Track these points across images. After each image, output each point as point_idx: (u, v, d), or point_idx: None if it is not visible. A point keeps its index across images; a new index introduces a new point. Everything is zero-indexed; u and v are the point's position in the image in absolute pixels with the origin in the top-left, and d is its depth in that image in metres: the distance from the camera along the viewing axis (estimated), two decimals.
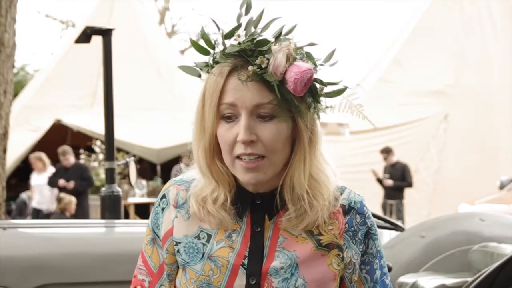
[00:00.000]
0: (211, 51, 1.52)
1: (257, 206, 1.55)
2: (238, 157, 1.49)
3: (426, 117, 14.62)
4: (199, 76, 1.54)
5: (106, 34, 3.79)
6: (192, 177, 1.59)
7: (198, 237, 1.55)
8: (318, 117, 1.53)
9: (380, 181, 12.46)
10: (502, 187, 12.23)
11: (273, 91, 1.47)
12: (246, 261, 1.52)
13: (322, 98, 1.52)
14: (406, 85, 14.87)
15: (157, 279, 1.61)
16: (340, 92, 1.52)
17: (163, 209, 1.60)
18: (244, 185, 1.55)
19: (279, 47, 1.47)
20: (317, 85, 1.51)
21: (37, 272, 2.82)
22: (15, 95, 12.46)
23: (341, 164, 13.90)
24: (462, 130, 14.14)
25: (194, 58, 1.57)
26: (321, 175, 1.54)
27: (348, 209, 1.57)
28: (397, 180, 12.27)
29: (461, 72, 14.84)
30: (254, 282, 1.51)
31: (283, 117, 1.48)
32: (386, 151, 12.55)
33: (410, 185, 12.36)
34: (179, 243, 1.56)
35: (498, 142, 14.09)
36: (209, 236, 1.55)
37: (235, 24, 1.50)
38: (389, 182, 12.21)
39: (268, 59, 1.47)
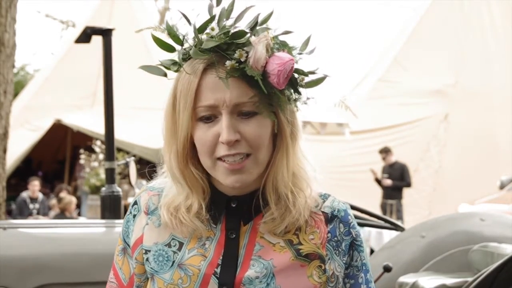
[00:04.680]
0: (178, 47, 1.42)
1: (233, 211, 1.45)
2: (220, 158, 1.39)
3: (426, 117, 14.62)
4: (165, 75, 1.44)
5: (106, 34, 3.78)
6: (165, 183, 1.49)
7: (169, 245, 1.45)
8: (297, 109, 1.44)
9: (378, 181, 12.46)
10: (502, 187, 12.22)
11: (253, 86, 1.36)
12: (218, 270, 1.41)
13: (301, 89, 1.42)
14: (406, 85, 14.87)
15: None
16: (320, 81, 1.43)
17: (134, 216, 1.51)
18: (220, 188, 1.45)
19: (258, 39, 1.36)
20: (296, 76, 1.41)
21: (37, 272, 2.82)
22: (15, 95, 12.47)
23: (341, 164, 13.98)
24: (462, 130, 14.13)
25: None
26: (301, 171, 1.45)
27: (331, 218, 1.46)
28: (396, 180, 12.27)
29: (461, 72, 14.84)
30: None
31: (266, 113, 1.38)
32: (385, 151, 12.56)
33: (409, 185, 12.37)
34: (149, 251, 1.47)
35: (498, 142, 14.08)
36: (181, 244, 1.45)
37: (206, 18, 1.40)
38: (388, 182, 12.21)
39: (247, 52, 1.36)
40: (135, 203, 1.52)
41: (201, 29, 1.39)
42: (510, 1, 15.44)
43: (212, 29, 1.38)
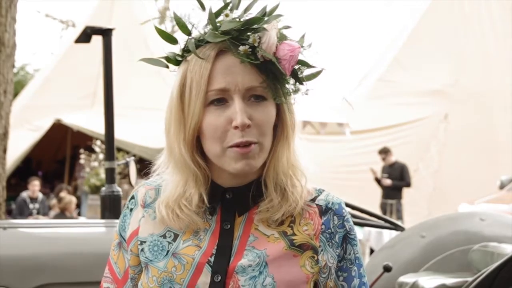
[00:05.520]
0: (181, 40, 1.46)
1: (228, 202, 1.48)
2: (230, 146, 1.42)
3: (426, 117, 14.62)
4: (167, 67, 1.48)
5: (106, 34, 3.78)
6: (162, 179, 1.52)
7: (164, 236, 1.48)
8: (295, 101, 1.47)
9: (378, 180, 12.46)
10: (502, 187, 12.23)
11: (263, 72, 1.41)
12: (212, 259, 1.44)
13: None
14: (406, 85, 14.87)
15: (121, 286, 1.55)
16: (317, 74, 1.47)
17: (131, 210, 1.54)
18: (217, 180, 1.48)
19: (270, 25, 1.42)
20: (296, 67, 1.45)
21: (37, 272, 2.82)
22: (15, 95, 12.47)
23: (341, 164, 13.95)
24: (462, 130, 14.14)
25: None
26: (297, 162, 1.49)
27: (325, 210, 1.49)
28: (396, 180, 12.27)
29: (461, 72, 14.84)
30: (219, 279, 1.43)
31: (277, 97, 1.43)
32: (385, 152, 12.56)
33: (408, 185, 12.37)
34: (144, 242, 1.49)
35: (498, 142, 14.09)
36: (176, 235, 1.48)
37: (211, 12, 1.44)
38: (388, 182, 12.21)
39: (260, 38, 1.41)
40: (132, 197, 1.55)
41: (217, 14, 1.43)
42: (510, 1, 15.45)
43: (227, 15, 1.42)
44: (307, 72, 1.47)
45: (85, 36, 3.80)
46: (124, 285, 1.55)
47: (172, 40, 1.46)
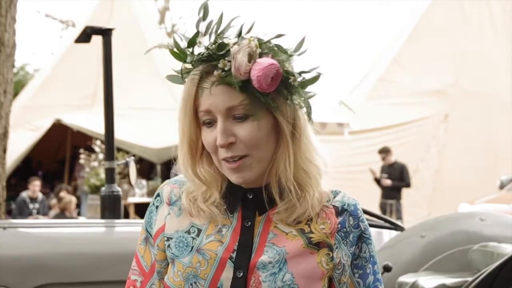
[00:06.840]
0: (188, 58, 1.53)
1: (249, 202, 1.56)
2: (223, 159, 1.52)
3: (426, 117, 14.63)
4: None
5: (106, 34, 3.78)
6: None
7: (188, 232, 1.57)
8: (301, 107, 1.52)
9: (377, 180, 12.46)
10: (502, 187, 12.24)
11: (243, 91, 1.48)
12: (234, 255, 1.53)
13: (299, 89, 1.51)
14: (406, 85, 14.88)
15: (148, 278, 1.63)
16: (315, 79, 1.52)
17: (157, 207, 1.63)
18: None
19: (238, 48, 1.48)
20: (290, 77, 1.50)
21: (37, 272, 2.82)
22: (15, 95, 12.47)
23: (341, 164, 13.97)
24: (462, 130, 14.15)
25: None
26: (309, 166, 1.55)
27: (341, 211, 1.58)
28: (396, 180, 12.27)
29: (461, 72, 14.85)
30: (241, 275, 1.51)
31: (256, 115, 1.49)
32: (385, 151, 12.56)
33: (408, 185, 12.37)
34: (171, 238, 1.58)
35: (498, 142, 14.10)
36: (199, 230, 1.56)
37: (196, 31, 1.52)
38: (387, 182, 12.21)
39: (230, 61, 1.48)
40: (158, 195, 1.64)
41: (190, 43, 1.52)
42: (510, 1, 15.45)
43: (200, 42, 1.51)
44: (306, 77, 1.51)
45: (85, 36, 3.80)
46: (151, 277, 1.63)
47: (182, 58, 1.54)
